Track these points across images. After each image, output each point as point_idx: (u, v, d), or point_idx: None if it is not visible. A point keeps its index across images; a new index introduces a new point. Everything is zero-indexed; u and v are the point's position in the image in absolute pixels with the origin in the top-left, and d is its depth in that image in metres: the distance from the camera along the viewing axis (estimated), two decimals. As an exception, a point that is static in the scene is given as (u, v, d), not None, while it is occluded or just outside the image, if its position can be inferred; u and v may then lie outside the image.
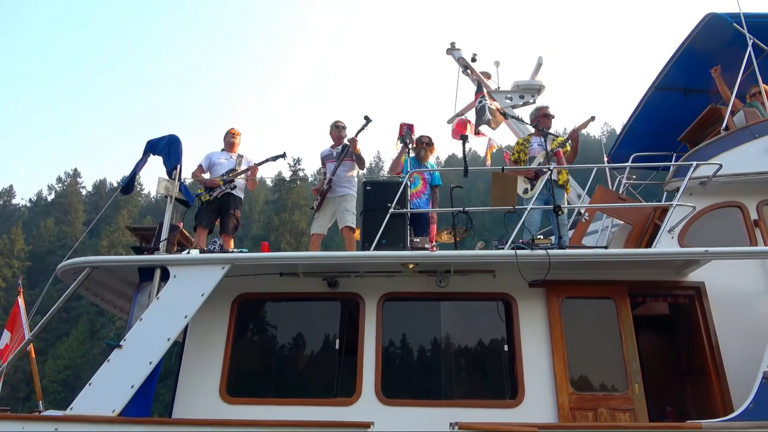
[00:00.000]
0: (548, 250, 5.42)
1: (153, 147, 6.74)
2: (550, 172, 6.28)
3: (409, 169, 7.42)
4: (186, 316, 5.31)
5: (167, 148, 6.56)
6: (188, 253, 5.85)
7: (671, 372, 6.79)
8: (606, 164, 9.21)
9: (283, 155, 7.63)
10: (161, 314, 5.32)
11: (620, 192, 8.59)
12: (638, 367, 5.64)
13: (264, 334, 6.23)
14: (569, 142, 7.12)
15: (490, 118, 7.43)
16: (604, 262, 5.78)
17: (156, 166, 6.79)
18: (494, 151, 9.80)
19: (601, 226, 8.36)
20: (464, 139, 6.36)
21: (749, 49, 7.10)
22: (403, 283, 5.98)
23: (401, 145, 7.28)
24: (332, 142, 7.79)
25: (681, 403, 6.59)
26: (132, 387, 4.98)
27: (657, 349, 6.98)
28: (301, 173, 58.26)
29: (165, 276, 5.55)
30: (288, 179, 55.14)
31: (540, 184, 6.62)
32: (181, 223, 6.79)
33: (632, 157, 8.68)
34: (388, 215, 5.72)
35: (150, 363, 5.10)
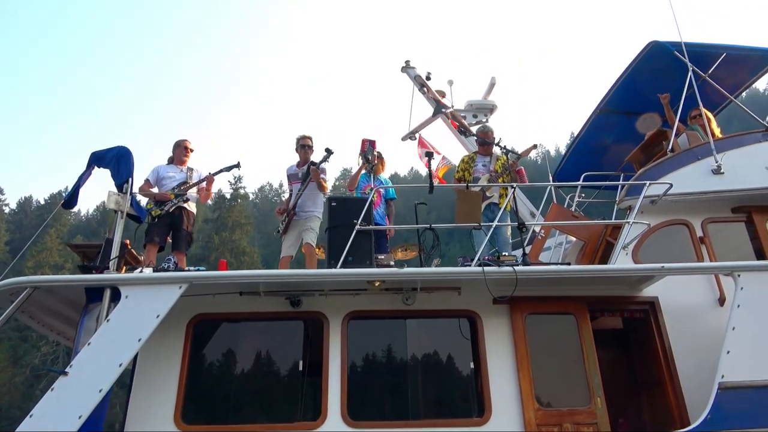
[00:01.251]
0: (515, 267, 5.45)
1: (99, 159, 6.32)
2: (513, 190, 6.34)
3: (363, 184, 7.37)
4: (139, 340, 4.96)
5: (116, 161, 6.19)
6: (141, 271, 5.51)
7: (625, 385, 6.95)
8: (559, 183, 9.51)
9: (238, 165, 7.39)
10: (112, 338, 4.94)
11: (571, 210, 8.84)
12: (600, 381, 5.73)
13: (222, 357, 5.91)
14: (509, 173, 7.26)
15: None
16: (565, 278, 5.88)
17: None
18: (447, 170, 9.92)
19: (554, 243, 8.57)
20: (429, 156, 6.36)
21: (689, 75, 7.52)
22: (367, 301, 5.85)
23: (362, 160, 7.20)
24: (298, 159, 7.63)
25: (636, 416, 6.76)
26: (80, 417, 4.57)
27: (610, 362, 7.16)
28: (242, 191, 56.89)
29: (115, 297, 5.18)
30: (229, 197, 53.74)
31: (483, 206, 6.84)
32: (128, 241, 6.40)
33: (583, 176, 8.98)
34: (355, 231, 5.61)
35: (100, 391, 4.71)
